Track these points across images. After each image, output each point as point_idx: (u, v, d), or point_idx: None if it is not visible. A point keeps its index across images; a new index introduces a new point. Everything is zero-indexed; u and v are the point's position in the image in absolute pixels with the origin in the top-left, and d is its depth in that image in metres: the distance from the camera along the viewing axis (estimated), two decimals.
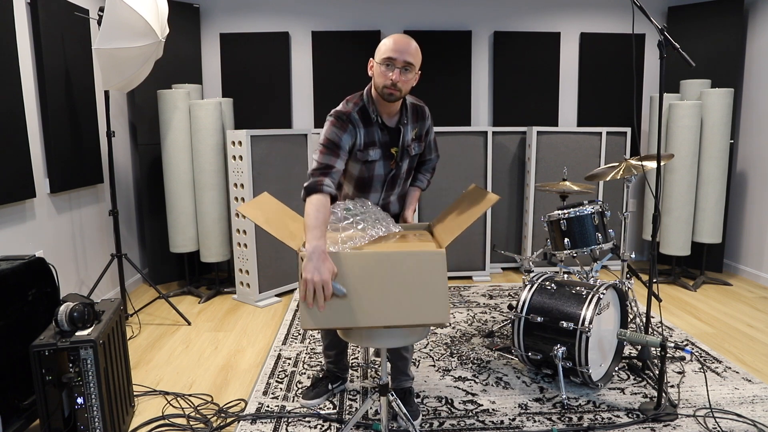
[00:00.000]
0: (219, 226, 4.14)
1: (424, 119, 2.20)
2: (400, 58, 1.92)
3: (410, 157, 2.18)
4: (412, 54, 1.94)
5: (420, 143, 2.20)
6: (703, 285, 4.33)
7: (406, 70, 1.95)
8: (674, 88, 4.59)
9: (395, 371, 2.41)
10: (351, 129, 2.01)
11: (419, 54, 1.98)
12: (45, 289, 2.36)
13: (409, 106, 2.15)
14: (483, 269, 4.58)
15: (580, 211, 2.91)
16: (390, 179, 2.16)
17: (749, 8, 4.45)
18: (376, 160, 2.08)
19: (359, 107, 2.05)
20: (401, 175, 2.19)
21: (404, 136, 2.11)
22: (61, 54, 3.25)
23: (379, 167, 2.10)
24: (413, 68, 1.97)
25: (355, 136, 2.02)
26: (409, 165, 2.20)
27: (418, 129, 2.17)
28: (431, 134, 2.29)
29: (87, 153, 3.55)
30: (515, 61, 4.81)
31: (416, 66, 1.98)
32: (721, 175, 4.22)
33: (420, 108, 2.19)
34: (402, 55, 1.92)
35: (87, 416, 1.96)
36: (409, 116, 2.14)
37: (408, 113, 2.13)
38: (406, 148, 2.13)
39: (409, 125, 2.13)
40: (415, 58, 1.96)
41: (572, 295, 2.58)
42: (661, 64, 2.33)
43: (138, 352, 3.11)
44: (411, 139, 2.14)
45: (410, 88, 2.01)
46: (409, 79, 1.97)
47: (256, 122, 4.66)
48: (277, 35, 4.65)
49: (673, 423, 2.29)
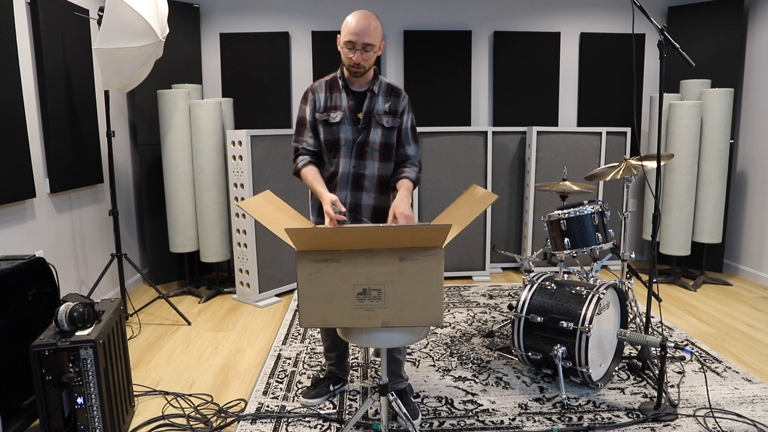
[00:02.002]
0: (219, 226, 4.14)
1: (399, 97, 2.27)
2: (359, 41, 2.09)
3: (383, 128, 2.22)
4: (370, 35, 2.09)
5: (394, 118, 2.24)
6: (703, 285, 4.33)
7: (366, 51, 2.11)
8: (674, 88, 4.59)
9: (388, 373, 2.40)
10: (311, 98, 2.26)
11: (378, 30, 2.12)
12: (45, 289, 2.36)
13: (384, 83, 2.26)
14: (483, 269, 4.58)
15: (580, 211, 2.91)
16: (359, 146, 2.22)
17: (749, 8, 4.45)
18: (338, 123, 2.22)
19: (328, 79, 2.28)
20: (371, 143, 2.22)
21: (372, 102, 2.21)
22: (61, 54, 3.25)
23: (345, 131, 2.22)
24: (373, 47, 2.12)
25: (315, 102, 2.25)
26: (383, 139, 2.23)
27: (391, 103, 2.24)
28: (407, 119, 2.29)
29: (87, 153, 3.55)
30: (515, 61, 4.81)
31: (376, 44, 2.13)
32: (721, 175, 4.21)
33: (396, 88, 2.29)
34: (361, 38, 2.09)
35: (87, 416, 1.96)
36: (382, 89, 2.24)
37: (381, 86, 2.24)
38: (376, 115, 2.21)
39: (380, 96, 2.23)
40: (373, 38, 2.10)
41: (572, 295, 2.58)
42: (661, 64, 2.33)
43: (138, 352, 3.11)
44: (384, 111, 2.22)
45: (376, 58, 2.18)
46: (370, 56, 2.13)
47: (256, 122, 4.66)
48: (277, 35, 4.65)
49: (673, 423, 2.29)
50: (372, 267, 1.64)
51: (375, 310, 1.66)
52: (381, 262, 1.64)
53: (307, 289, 1.66)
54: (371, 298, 1.65)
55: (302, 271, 1.65)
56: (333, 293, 1.66)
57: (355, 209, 2.28)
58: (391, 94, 2.26)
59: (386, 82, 2.28)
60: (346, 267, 1.64)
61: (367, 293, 1.65)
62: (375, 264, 1.64)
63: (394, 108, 2.25)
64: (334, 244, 1.62)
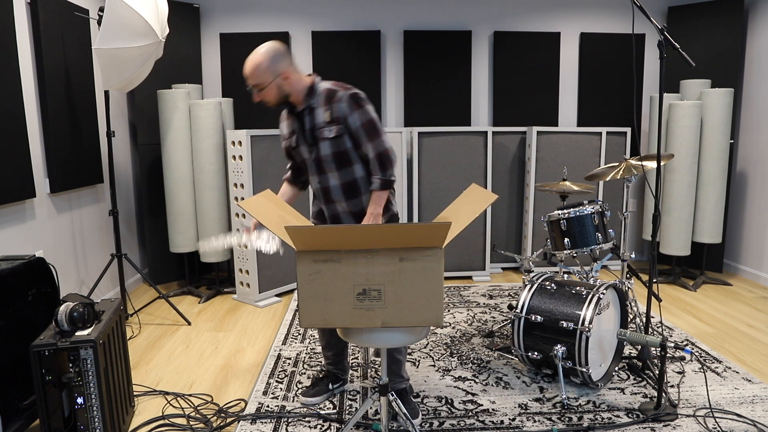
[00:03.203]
0: (219, 226, 4.14)
1: (335, 101, 2.16)
2: (249, 83, 2.14)
3: (329, 140, 2.18)
4: (253, 76, 2.11)
5: (337, 126, 2.17)
6: (703, 285, 4.33)
7: (259, 90, 2.14)
8: (674, 88, 4.60)
9: (389, 373, 2.40)
10: (281, 126, 2.38)
11: (261, 69, 2.10)
12: (45, 289, 2.36)
13: (322, 91, 2.21)
14: (483, 269, 4.58)
15: (580, 211, 2.91)
16: (315, 163, 2.25)
17: (749, 8, 4.45)
18: (297, 146, 2.29)
19: None
20: (324, 158, 2.21)
21: (311, 119, 2.21)
22: (61, 54, 3.25)
23: (304, 151, 2.27)
24: (262, 84, 2.12)
25: (282, 131, 2.36)
26: (333, 149, 2.19)
27: (330, 111, 2.19)
28: (354, 119, 2.16)
29: (87, 153, 3.55)
30: (515, 61, 4.81)
31: (264, 82, 2.11)
32: (721, 175, 4.21)
33: (332, 91, 2.19)
34: (249, 81, 2.14)
35: (87, 416, 1.96)
36: (320, 100, 2.21)
37: (319, 98, 2.21)
38: (317, 130, 2.20)
39: (318, 108, 2.20)
40: (259, 78, 2.11)
41: (572, 295, 2.58)
42: (661, 64, 2.33)
43: (138, 352, 3.11)
44: (324, 123, 2.19)
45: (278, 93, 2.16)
46: (267, 93, 2.14)
47: (256, 122, 4.66)
48: (277, 35, 4.65)
49: (673, 423, 2.29)
50: (372, 267, 1.64)
51: (375, 310, 1.66)
52: (381, 262, 1.64)
53: (307, 289, 1.66)
54: (371, 298, 1.65)
55: (302, 271, 1.65)
56: (333, 293, 1.66)
57: (335, 220, 2.32)
58: (329, 101, 2.17)
59: (325, 89, 2.20)
60: (346, 267, 1.64)
61: (367, 293, 1.65)
62: (375, 264, 1.64)
63: (333, 116, 2.17)
64: (333, 243, 1.62)
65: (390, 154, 2.20)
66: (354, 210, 2.28)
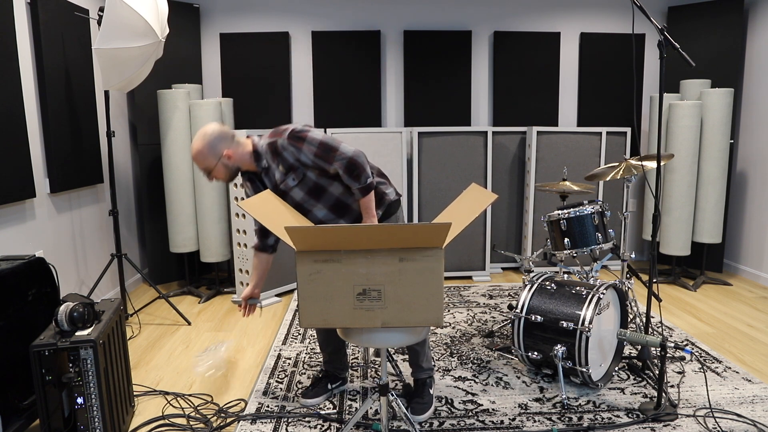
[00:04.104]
0: (219, 226, 4.14)
1: (281, 151, 2.15)
2: (198, 167, 2.19)
3: (296, 186, 2.20)
4: (199, 162, 2.16)
5: (296, 171, 2.16)
6: (703, 285, 4.33)
7: (208, 173, 2.18)
8: (674, 88, 4.60)
9: (410, 363, 2.46)
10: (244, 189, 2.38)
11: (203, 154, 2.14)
12: (45, 289, 2.36)
13: (265, 150, 2.21)
14: (483, 269, 4.58)
15: (580, 211, 2.91)
16: (296, 207, 2.27)
17: (749, 8, 4.45)
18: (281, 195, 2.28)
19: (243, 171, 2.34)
20: (301, 200, 2.24)
21: (270, 179, 2.24)
22: (61, 54, 3.25)
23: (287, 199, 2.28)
24: (209, 168, 2.16)
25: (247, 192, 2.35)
26: (304, 189, 2.21)
27: (281, 164, 2.18)
28: (306, 155, 2.13)
29: (87, 153, 3.55)
30: (515, 61, 4.81)
31: (210, 166, 2.16)
32: (721, 175, 4.22)
33: (272, 145, 2.18)
34: (198, 164, 2.18)
35: (87, 416, 1.96)
36: (268, 158, 2.22)
37: (267, 156, 2.21)
38: (281, 185, 2.22)
39: (271, 166, 2.22)
40: (204, 163, 2.15)
41: (572, 295, 2.58)
42: (661, 64, 2.33)
43: (138, 352, 3.11)
44: (282, 175, 2.20)
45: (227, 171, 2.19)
46: (216, 173, 2.18)
47: (256, 122, 4.66)
48: (277, 35, 4.65)
49: (673, 423, 2.29)
50: (372, 267, 1.64)
51: (375, 310, 1.66)
52: (381, 263, 1.64)
53: (307, 289, 1.66)
54: (371, 298, 1.65)
55: (302, 271, 1.65)
56: (333, 293, 1.66)
57: None
58: (276, 155, 2.17)
59: (266, 145, 2.19)
60: (346, 267, 1.64)
61: (367, 293, 1.66)
62: (375, 264, 1.64)
63: (287, 165, 2.16)
64: (334, 243, 1.62)
65: (356, 159, 2.12)
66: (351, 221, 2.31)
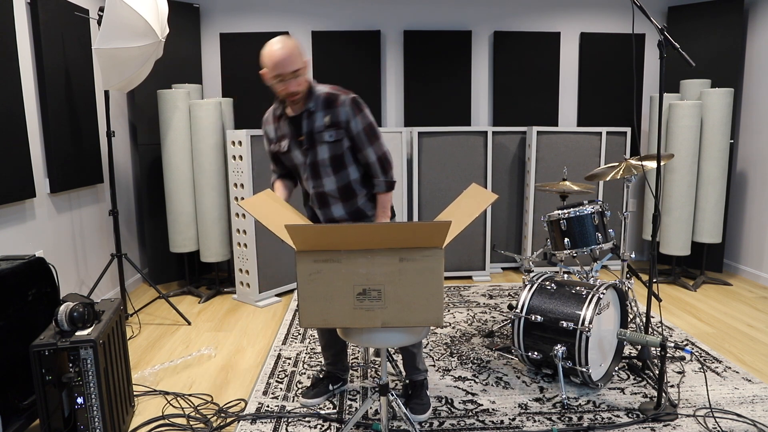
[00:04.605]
0: (219, 226, 4.14)
1: (337, 106, 2.16)
2: (285, 71, 2.07)
3: (328, 144, 2.18)
4: (293, 62, 2.07)
5: (338, 131, 2.17)
6: (703, 285, 4.33)
7: (295, 77, 2.09)
8: (674, 88, 4.59)
9: (406, 365, 2.45)
10: (265, 130, 2.35)
11: (296, 52, 2.08)
12: (45, 289, 2.36)
13: (321, 95, 2.19)
14: (483, 269, 4.58)
15: (580, 211, 2.91)
16: (310, 167, 2.22)
17: (749, 8, 4.45)
18: (288, 151, 2.25)
19: (274, 106, 2.29)
20: (320, 162, 2.20)
21: (310, 123, 2.18)
22: (61, 54, 3.25)
23: (297, 156, 2.24)
24: (298, 69, 2.09)
25: (268, 134, 2.33)
26: (331, 153, 2.19)
27: (330, 116, 2.17)
28: (356, 124, 2.17)
29: (87, 153, 3.55)
30: (515, 61, 4.81)
31: (301, 66, 2.10)
32: (721, 175, 4.21)
33: (333, 95, 2.19)
34: (286, 68, 2.06)
35: (87, 416, 1.96)
36: (319, 104, 2.18)
37: (318, 101, 2.19)
38: (316, 134, 2.18)
39: (318, 113, 2.18)
40: (297, 62, 2.08)
41: (572, 295, 2.58)
42: (661, 64, 2.33)
43: (138, 352, 3.11)
44: (324, 126, 2.17)
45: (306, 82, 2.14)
46: (301, 80, 2.11)
47: (256, 122, 4.65)
48: (277, 35, 4.63)
49: (673, 423, 2.29)
50: (372, 267, 1.64)
51: (375, 310, 1.66)
52: (381, 263, 1.64)
53: (307, 289, 1.66)
54: (371, 298, 1.65)
55: (302, 271, 1.65)
56: (333, 293, 1.66)
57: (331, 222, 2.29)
58: (329, 105, 2.17)
59: (324, 93, 2.19)
60: (346, 267, 1.64)
61: (367, 293, 1.65)
62: (375, 264, 1.64)
63: (334, 120, 2.16)
64: (334, 243, 1.62)
65: (389, 156, 2.26)
66: (349, 210, 2.28)
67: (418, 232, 1.58)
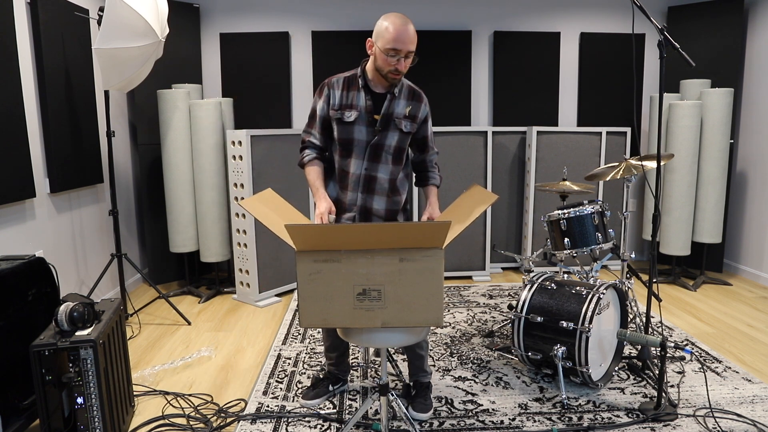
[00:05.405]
0: (219, 226, 4.14)
1: (420, 102, 2.23)
2: (404, 48, 2.02)
3: (400, 132, 2.18)
4: (413, 41, 2.04)
5: (413, 124, 2.20)
6: (703, 285, 4.33)
7: (408, 57, 2.06)
8: (674, 88, 4.59)
9: (412, 368, 2.44)
10: (326, 93, 2.19)
11: (415, 34, 2.07)
12: (45, 289, 2.36)
13: (405, 85, 2.21)
14: (483, 269, 4.58)
15: (580, 211, 2.91)
16: (372, 148, 2.18)
17: (749, 8, 4.45)
18: (352, 122, 2.15)
19: (347, 76, 2.20)
20: (386, 146, 2.18)
21: (393, 105, 2.16)
22: (61, 54, 3.24)
23: (359, 132, 2.16)
24: (413, 53, 2.08)
25: (330, 98, 2.18)
26: (399, 142, 2.19)
27: (412, 108, 2.19)
28: (428, 126, 2.28)
29: (87, 153, 3.55)
30: (515, 61, 4.81)
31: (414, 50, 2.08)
32: (721, 175, 4.21)
33: (417, 91, 2.24)
34: (406, 46, 2.02)
35: (87, 416, 1.96)
36: (404, 91, 2.20)
37: (403, 88, 2.20)
38: (395, 119, 2.16)
39: (401, 99, 2.18)
40: (415, 44, 2.06)
41: (572, 294, 2.58)
42: (661, 64, 2.33)
43: (138, 352, 3.11)
44: (404, 115, 2.17)
45: None
46: (408, 62, 2.09)
47: (256, 122, 4.65)
48: (277, 35, 4.65)
49: (673, 423, 2.29)
50: (372, 267, 1.64)
51: (375, 310, 1.66)
52: (381, 263, 1.64)
53: (307, 289, 1.66)
54: (371, 298, 1.65)
55: (302, 271, 1.65)
56: (333, 293, 1.66)
57: (366, 212, 2.25)
58: (413, 98, 2.21)
59: (408, 84, 2.22)
60: (346, 267, 1.64)
61: (367, 293, 1.65)
62: (375, 264, 1.64)
63: (414, 113, 2.20)
64: (334, 243, 1.62)
65: None
66: (389, 207, 2.28)
67: (418, 232, 1.58)
